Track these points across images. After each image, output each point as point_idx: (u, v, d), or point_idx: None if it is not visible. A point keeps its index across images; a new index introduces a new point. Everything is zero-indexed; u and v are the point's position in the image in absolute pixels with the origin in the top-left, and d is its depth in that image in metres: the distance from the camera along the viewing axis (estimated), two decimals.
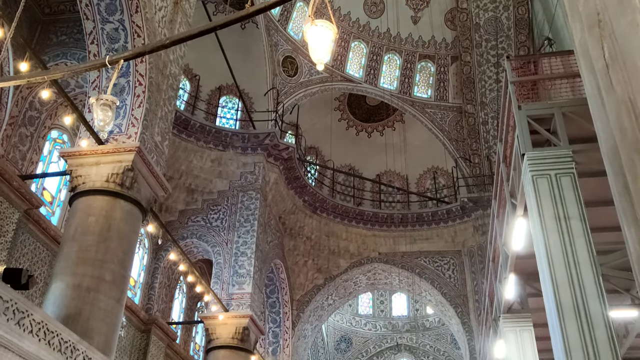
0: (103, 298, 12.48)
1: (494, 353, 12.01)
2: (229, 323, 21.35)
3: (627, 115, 3.56)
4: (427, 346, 36.75)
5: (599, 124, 4.06)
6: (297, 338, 27.34)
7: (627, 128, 3.58)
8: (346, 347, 37.45)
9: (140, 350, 20.26)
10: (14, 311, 8.55)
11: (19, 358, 8.65)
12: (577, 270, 6.15)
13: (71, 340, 9.99)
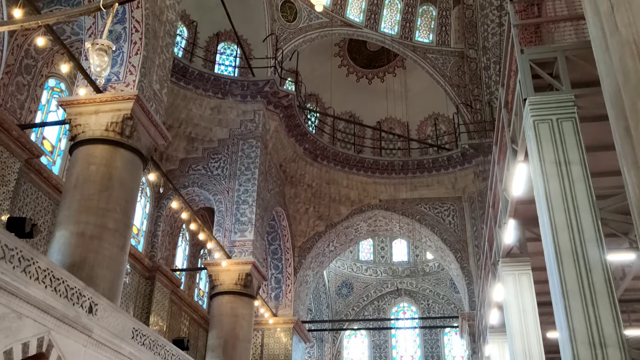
0: (107, 246, 12.64)
1: (493, 296, 12.23)
2: (232, 270, 21.69)
3: (630, 57, 3.51)
4: (426, 290, 37.44)
5: (602, 67, 4.01)
6: (299, 284, 27.82)
7: (630, 70, 3.53)
8: (347, 292, 38.16)
9: (145, 297, 20.67)
10: (20, 259, 8.67)
11: (27, 304, 8.82)
12: (576, 214, 6.19)
13: (77, 287, 10.17)
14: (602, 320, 5.54)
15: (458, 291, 30.89)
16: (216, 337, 21.27)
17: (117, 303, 12.84)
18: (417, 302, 38.15)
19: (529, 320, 9.49)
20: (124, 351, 11.58)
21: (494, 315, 13.00)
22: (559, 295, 5.78)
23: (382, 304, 38.47)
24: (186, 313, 23.94)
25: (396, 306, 38.66)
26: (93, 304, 10.63)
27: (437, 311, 36.83)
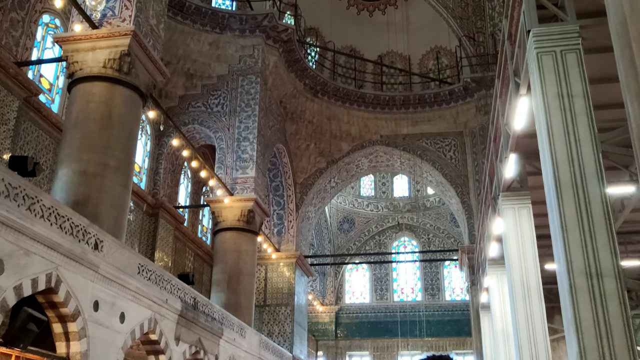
0: (109, 184, 12.73)
1: (492, 230, 12.39)
2: (234, 206, 21.91)
3: None
4: (427, 225, 37.92)
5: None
6: (301, 220, 28.16)
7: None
8: (349, 227, 38.67)
9: (150, 233, 20.98)
10: (24, 197, 8.74)
11: (34, 241, 8.97)
12: (577, 147, 6.18)
13: (82, 224, 10.30)
14: (600, 252, 5.63)
15: (458, 225, 31.28)
16: (220, 272, 21.72)
17: (122, 240, 13.05)
18: (417, 236, 38.72)
19: (528, 252, 9.66)
20: (131, 286, 11.86)
21: (493, 248, 13.21)
22: (558, 227, 5.85)
23: (383, 239, 39.07)
24: (190, 249, 24.36)
25: (397, 240, 39.29)
26: (98, 240, 10.80)
27: (437, 245, 37.44)
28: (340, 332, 37.61)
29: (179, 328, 14.16)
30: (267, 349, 21.52)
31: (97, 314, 10.71)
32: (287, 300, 26.92)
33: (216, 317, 16.69)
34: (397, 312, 36.61)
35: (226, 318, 17.55)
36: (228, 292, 21.15)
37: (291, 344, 26.06)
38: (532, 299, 9.24)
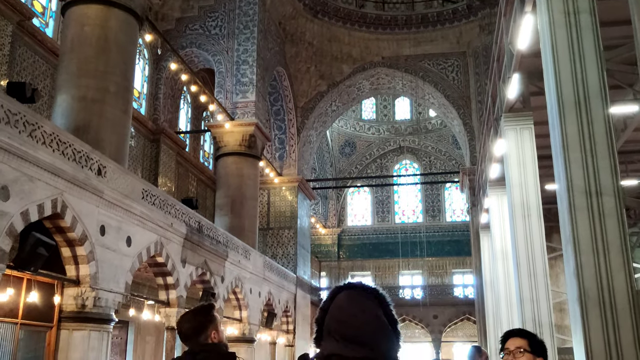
0: (109, 109, 12.66)
1: (494, 151, 12.39)
2: (235, 131, 21.86)
3: None
4: (428, 147, 37.95)
5: None
6: (302, 144, 28.16)
7: None
8: (350, 151, 38.72)
9: (152, 159, 21.06)
10: (24, 123, 8.72)
11: (37, 168, 9.02)
12: (582, 65, 6.08)
13: (84, 151, 10.33)
14: (600, 171, 5.65)
15: (460, 147, 31.31)
16: (224, 196, 21.96)
17: (125, 165, 13.11)
18: (419, 159, 38.84)
19: (529, 172, 9.71)
20: (136, 211, 12.03)
21: (494, 169, 13.27)
22: (559, 146, 5.84)
23: (384, 162, 39.21)
24: (193, 174, 24.51)
25: (398, 163, 39.44)
26: (101, 166, 10.86)
27: (439, 167, 37.62)
28: (343, 254, 38.45)
29: (184, 251, 14.48)
30: (271, 270, 22.09)
31: (104, 238, 10.93)
32: (290, 224, 27.35)
33: (221, 240, 17.02)
34: (398, 233, 37.26)
35: (230, 241, 17.91)
36: (232, 216, 21.46)
37: (295, 265, 26.71)
38: (531, 218, 9.37)
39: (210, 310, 2.84)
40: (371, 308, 1.84)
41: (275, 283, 22.37)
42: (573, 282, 5.31)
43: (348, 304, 1.85)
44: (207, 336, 2.73)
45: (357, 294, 1.87)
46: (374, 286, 1.94)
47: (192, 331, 2.72)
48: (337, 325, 1.82)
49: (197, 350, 2.67)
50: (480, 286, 20.41)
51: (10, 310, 9.87)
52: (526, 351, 2.75)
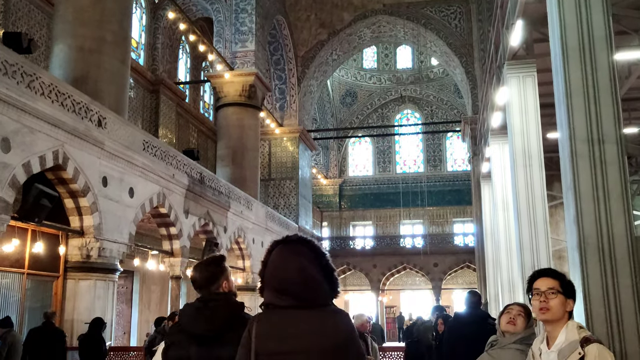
0: (107, 59, 12.51)
1: (496, 99, 12.29)
2: (235, 81, 21.66)
3: None
4: (430, 97, 37.65)
5: None
6: (303, 94, 27.93)
7: None
8: (351, 100, 38.44)
9: (152, 110, 20.94)
10: (22, 74, 8.63)
11: (37, 119, 8.98)
12: (587, 10, 5.94)
13: (83, 102, 10.26)
14: (603, 118, 5.61)
15: (461, 96, 31.06)
16: (225, 147, 21.95)
17: (125, 116, 13.05)
18: (420, 108, 38.58)
19: (531, 120, 9.63)
20: (137, 162, 12.04)
21: (496, 118, 13.18)
22: (562, 93, 5.79)
23: (385, 112, 38.98)
24: (193, 125, 24.42)
25: (400, 113, 39.21)
26: (101, 117, 10.81)
27: (440, 117, 37.41)
28: (344, 204, 38.69)
29: (187, 202, 14.57)
30: (273, 220, 22.28)
31: (107, 189, 10.99)
32: (291, 174, 27.42)
33: (223, 191, 17.11)
34: (400, 183, 37.39)
35: (232, 192, 18.00)
36: (233, 167, 21.50)
37: (297, 215, 26.91)
38: (532, 167, 9.35)
39: (222, 262, 2.95)
40: (299, 262, 2.13)
41: (277, 233, 22.60)
42: (573, 229, 5.35)
43: (279, 259, 2.16)
44: (219, 285, 2.86)
45: (290, 249, 2.18)
46: (309, 239, 2.19)
47: (204, 281, 2.86)
48: (271, 278, 2.16)
49: (208, 299, 2.81)
50: (480, 234, 20.60)
51: (16, 261, 10.02)
52: (558, 292, 2.68)
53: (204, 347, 2.67)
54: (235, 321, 2.67)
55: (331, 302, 2.22)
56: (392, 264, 33.05)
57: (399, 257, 32.97)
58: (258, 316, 2.21)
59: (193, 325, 2.73)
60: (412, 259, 32.65)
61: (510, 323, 3.61)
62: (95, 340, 8.19)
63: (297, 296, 2.12)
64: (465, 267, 32.29)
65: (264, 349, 2.11)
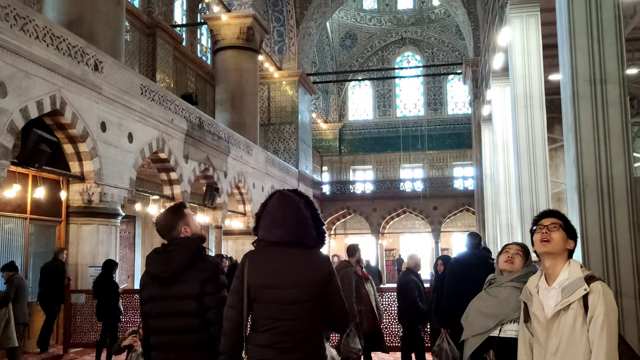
0: (101, 1, 12.26)
1: (498, 41, 12.09)
2: (232, 23, 21.27)
3: None
4: (431, 38, 37.03)
5: None
6: (302, 36, 27.45)
7: None
8: (351, 43, 37.82)
9: (149, 54, 20.63)
10: (15, 17, 8.46)
11: (32, 63, 8.86)
12: None
13: (79, 45, 10.10)
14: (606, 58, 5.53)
15: (463, 38, 30.54)
16: (223, 92, 21.76)
17: (122, 60, 12.88)
18: (421, 50, 38.01)
19: (533, 62, 9.50)
20: (135, 107, 11.96)
21: (497, 59, 13.00)
22: (566, 33, 5.68)
23: (386, 54, 38.42)
24: (191, 69, 24.11)
25: (400, 55, 38.64)
26: (98, 61, 10.67)
27: (441, 59, 36.90)
28: (344, 148, 38.65)
29: (186, 147, 14.55)
30: (273, 165, 22.31)
31: (106, 135, 10.95)
32: (291, 119, 27.29)
33: (222, 136, 17.06)
34: (400, 127, 37.23)
35: (232, 136, 17.95)
36: (232, 112, 21.38)
37: (297, 160, 26.94)
38: (533, 109, 9.29)
39: (180, 209, 3.15)
40: (295, 205, 2.50)
41: (277, 177, 22.67)
42: (572, 170, 5.35)
43: (278, 201, 2.52)
44: (178, 232, 3.06)
45: (288, 195, 2.55)
46: (304, 193, 2.63)
47: (163, 229, 3.10)
48: (268, 215, 2.51)
49: (168, 244, 3.06)
50: (480, 178, 20.66)
51: (18, 206, 10.09)
52: (561, 227, 2.75)
53: (164, 287, 2.96)
54: (192, 262, 2.94)
55: (317, 248, 2.55)
56: (392, 208, 33.30)
57: (399, 201, 33.18)
58: (251, 252, 2.52)
59: (153, 267, 3.02)
60: (412, 202, 32.87)
61: (508, 262, 3.68)
62: (108, 282, 8.40)
63: (288, 233, 2.45)
64: (465, 210, 32.55)
65: (255, 282, 2.42)
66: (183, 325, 2.90)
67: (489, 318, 3.54)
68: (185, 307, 2.89)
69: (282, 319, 2.37)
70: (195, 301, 2.88)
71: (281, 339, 2.35)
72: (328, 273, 2.48)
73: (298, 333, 2.37)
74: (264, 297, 2.40)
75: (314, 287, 2.41)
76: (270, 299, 2.40)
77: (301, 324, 2.38)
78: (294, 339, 2.36)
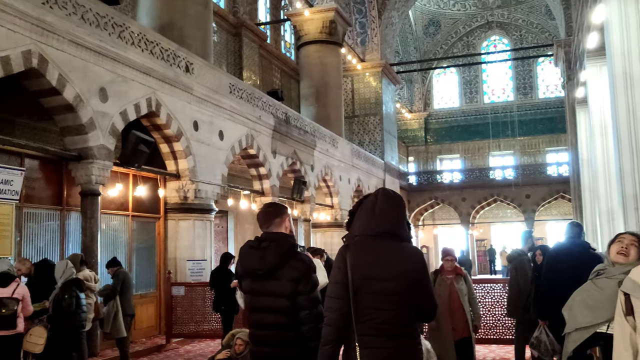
0: (190, 5, 12.69)
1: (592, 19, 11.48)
2: (315, 18, 21.43)
3: None
4: (519, 21, 35.66)
5: None
6: (384, 26, 27.24)
7: None
8: (435, 30, 37.12)
9: (235, 53, 21.17)
10: (113, 25, 8.94)
11: (129, 68, 9.34)
12: None
13: (171, 49, 10.53)
14: None
15: (553, 18, 29.19)
16: (308, 87, 22.01)
17: (211, 61, 13.30)
18: (508, 33, 36.70)
19: (632, 39, 8.93)
20: (225, 105, 12.33)
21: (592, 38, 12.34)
22: None
23: (471, 39, 37.41)
24: (276, 66, 24.52)
25: (487, 40, 37.49)
26: (188, 63, 11.08)
27: (530, 41, 35.45)
28: (430, 137, 38.06)
29: (274, 142, 14.85)
30: (359, 157, 22.34)
31: (198, 133, 11.38)
32: (375, 110, 27.19)
33: (308, 130, 17.27)
34: (488, 113, 36.19)
35: (317, 130, 18.13)
36: (317, 106, 21.58)
37: (382, 151, 26.82)
38: (634, 89, 8.73)
39: (278, 205, 3.27)
40: (397, 203, 2.66)
41: (363, 170, 22.69)
42: None
43: (381, 197, 2.65)
44: (277, 224, 3.14)
45: (389, 192, 2.70)
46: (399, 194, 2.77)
47: (266, 216, 3.18)
48: (367, 211, 2.63)
49: (262, 239, 3.13)
50: (575, 163, 19.71)
51: (121, 204, 10.68)
52: None
53: (257, 282, 3.06)
54: (285, 260, 3.01)
55: (409, 241, 2.68)
56: (482, 197, 32.46)
57: (489, 190, 32.29)
58: (351, 244, 2.62)
59: (247, 263, 3.12)
60: (503, 191, 31.89)
61: (621, 253, 3.41)
62: (225, 274, 8.71)
63: (388, 225, 2.59)
64: (560, 197, 31.18)
65: (356, 273, 2.51)
66: (273, 321, 2.98)
67: (594, 311, 3.35)
68: (277, 304, 2.97)
69: (381, 309, 2.46)
70: (287, 299, 2.95)
71: (382, 327, 2.45)
72: (422, 266, 2.59)
73: (397, 322, 2.47)
74: (365, 288, 2.49)
75: (410, 279, 2.51)
76: (370, 290, 2.49)
77: (398, 314, 2.48)
78: (394, 328, 2.46)
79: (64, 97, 8.15)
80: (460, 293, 5.72)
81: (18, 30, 7.28)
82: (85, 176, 8.71)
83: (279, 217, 3.15)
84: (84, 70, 8.43)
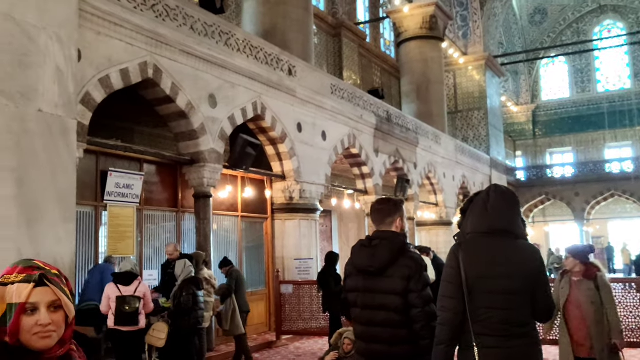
0: (292, 9, 12.95)
1: None
2: (415, 14, 21.17)
3: None
4: (635, 2, 33.32)
5: None
6: (486, 18, 26.41)
7: None
8: (541, 18, 35.52)
9: (335, 54, 21.37)
10: (220, 33, 9.32)
11: (235, 74, 9.69)
12: None
13: (274, 53, 10.81)
14: None
15: None
16: (408, 83, 21.78)
17: (312, 63, 13.50)
18: (624, 17, 34.36)
19: None
20: (327, 106, 12.48)
21: None
22: None
23: (582, 26, 35.41)
24: (376, 64, 24.48)
25: (599, 25, 35.33)
26: (291, 66, 11.32)
27: None
28: (539, 131, 36.43)
29: (376, 141, 14.83)
30: (463, 153, 21.80)
31: (302, 135, 11.59)
32: (479, 104, 26.44)
33: (410, 128, 17.09)
34: (602, 103, 34.10)
35: (420, 127, 17.89)
36: (418, 102, 21.31)
37: (487, 146, 26.03)
38: None
39: (400, 202, 3.22)
40: (513, 200, 2.62)
41: (468, 166, 22.12)
42: None
43: (495, 194, 2.61)
44: (392, 222, 3.12)
45: (502, 187, 2.68)
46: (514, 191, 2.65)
47: (380, 214, 3.17)
48: (479, 209, 2.60)
49: (374, 237, 3.12)
50: None
51: (231, 205, 11.09)
52: None
53: (369, 280, 3.05)
54: (397, 258, 2.99)
55: (524, 238, 2.61)
56: (598, 192, 30.62)
57: (605, 184, 30.39)
58: (463, 243, 2.59)
59: (359, 261, 3.11)
60: (621, 184, 29.90)
61: None
62: (331, 274, 8.76)
63: (501, 222, 2.54)
64: None
65: (471, 272, 2.48)
66: (385, 319, 2.98)
67: None
68: (389, 301, 2.97)
69: (497, 308, 2.43)
70: (399, 297, 2.94)
71: (499, 327, 2.42)
72: (539, 265, 2.52)
73: (514, 322, 2.43)
74: (480, 287, 2.46)
75: (526, 278, 2.45)
76: (485, 289, 2.45)
77: (515, 313, 2.43)
78: (511, 327, 2.42)
79: (177, 105, 8.59)
80: (585, 299, 4.71)
81: (135, 44, 7.76)
82: (197, 179, 9.14)
83: (391, 217, 3.14)
84: (195, 78, 8.84)
